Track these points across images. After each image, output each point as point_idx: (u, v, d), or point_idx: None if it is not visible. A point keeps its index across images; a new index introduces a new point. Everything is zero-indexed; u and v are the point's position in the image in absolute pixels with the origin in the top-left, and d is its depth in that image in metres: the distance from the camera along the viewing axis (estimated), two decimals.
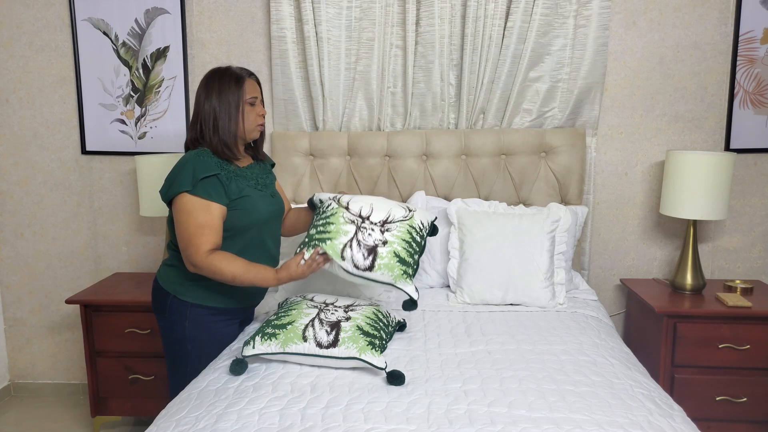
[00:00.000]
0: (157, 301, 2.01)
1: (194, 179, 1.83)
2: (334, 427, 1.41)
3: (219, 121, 1.91)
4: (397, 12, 2.65)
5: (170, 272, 1.99)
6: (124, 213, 2.99)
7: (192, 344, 1.96)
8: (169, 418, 1.52)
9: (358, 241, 1.85)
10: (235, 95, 1.92)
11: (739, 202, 2.76)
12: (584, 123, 2.70)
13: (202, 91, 1.94)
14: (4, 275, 3.09)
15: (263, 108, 2.01)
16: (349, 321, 1.78)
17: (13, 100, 2.94)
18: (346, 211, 1.91)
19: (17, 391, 3.19)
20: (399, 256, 1.86)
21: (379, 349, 1.73)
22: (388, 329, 1.88)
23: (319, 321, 1.78)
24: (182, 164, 1.88)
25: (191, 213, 1.83)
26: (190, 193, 1.83)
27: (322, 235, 1.86)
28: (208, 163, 1.87)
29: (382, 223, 1.90)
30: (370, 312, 1.87)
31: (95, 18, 2.82)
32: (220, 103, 1.91)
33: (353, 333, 1.73)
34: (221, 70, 1.96)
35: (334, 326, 1.76)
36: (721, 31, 2.65)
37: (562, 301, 2.29)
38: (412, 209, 2.00)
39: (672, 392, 2.37)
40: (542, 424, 1.40)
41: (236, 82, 1.93)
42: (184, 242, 1.84)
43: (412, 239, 1.92)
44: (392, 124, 2.78)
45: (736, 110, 2.68)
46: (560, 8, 2.58)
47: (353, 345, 1.70)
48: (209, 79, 1.94)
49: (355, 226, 1.87)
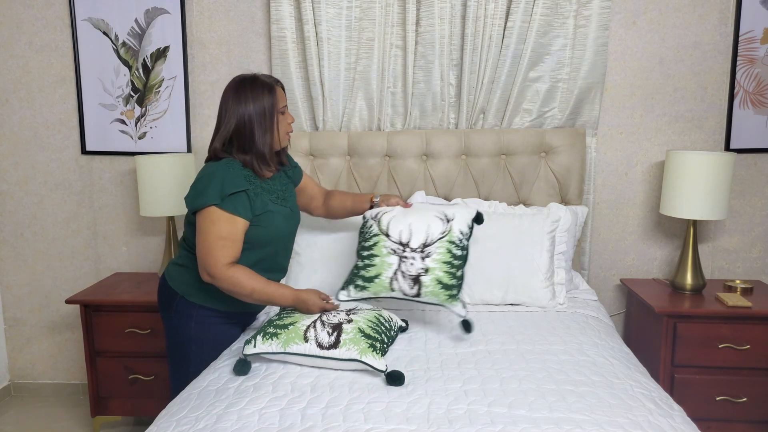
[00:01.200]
0: (163, 299, 2.01)
1: (222, 193, 1.81)
2: (334, 427, 1.41)
3: (255, 133, 1.87)
4: (397, 12, 2.65)
5: (181, 272, 1.98)
6: (124, 213, 2.99)
7: (196, 345, 1.96)
8: (170, 418, 1.52)
9: (402, 272, 1.92)
10: (269, 105, 1.89)
11: (739, 202, 2.76)
12: (584, 123, 2.70)
13: (232, 101, 1.88)
14: (4, 275, 3.09)
15: (291, 115, 1.99)
16: (350, 323, 1.78)
17: (13, 100, 2.94)
18: (387, 239, 1.97)
19: (17, 391, 3.19)
20: (442, 282, 1.91)
21: (380, 352, 1.72)
22: (390, 333, 1.88)
23: (321, 322, 1.79)
24: (211, 175, 1.84)
25: (215, 223, 1.81)
26: (217, 207, 1.81)
27: (368, 270, 1.95)
28: (237, 177, 1.84)
29: (421, 248, 1.94)
30: (372, 316, 1.87)
31: (95, 18, 2.82)
32: (254, 114, 1.87)
33: (354, 335, 1.73)
34: (250, 78, 1.91)
35: (335, 328, 1.75)
36: (721, 31, 2.65)
37: (562, 301, 2.29)
38: (450, 218, 1.99)
39: (672, 392, 2.37)
40: (542, 424, 1.40)
41: (269, 91, 1.89)
42: (204, 252, 1.82)
43: (452, 257, 1.94)
44: (392, 124, 2.78)
45: (736, 110, 2.68)
46: (560, 8, 2.58)
47: (354, 347, 1.69)
48: (238, 88, 1.89)
49: (397, 256, 1.94)
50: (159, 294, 2.04)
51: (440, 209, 2.04)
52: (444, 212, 2.01)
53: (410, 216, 2.01)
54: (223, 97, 1.93)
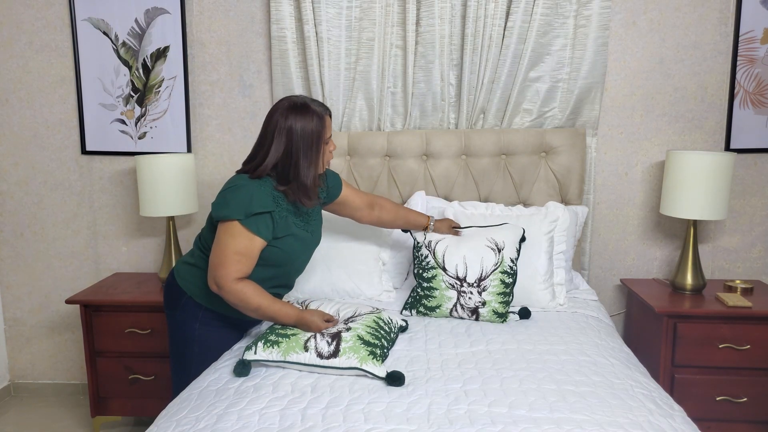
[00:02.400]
0: (170, 297, 2.01)
1: (248, 211, 1.79)
2: (334, 428, 1.41)
3: (300, 164, 1.83)
4: (397, 12, 2.65)
5: (191, 272, 1.97)
6: (124, 213, 2.99)
7: (200, 347, 1.96)
8: (170, 418, 1.52)
9: (461, 305, 2.13)
10: (317, 136, 1.84)
11: (739, 202, 2.76)
12: (584, 123, 2.70)
13: (283, 124, 1.82)
14: (4, 275, 3.09)
15: (334, 143, 1.96)
16: (349, 331, 1.78)
17: (13, 100, 2.94)
18: (444, 273, 2.14)
19: (17, 391, 3.19)
20: (497, 312, 2.11)
21: (380, 359, 1.71)
22: (390, 336, 1.88)
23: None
24: (241, 189, 1.82)
25: (235, 238, 1.79)
26: (240, 222, 1.79)
27: (430, 300, 2.15)
28: (267, 197, 1.82)
29: (477, 282, 2.12)
30: (371, 320, 1.87)
31: (95, 18, 2.82)
32: (302, 145, 1.82)
33: (354, 343, 1.73)
34: (302, 105, 1.85)
35: (334, 337, 1.75)
36: (721, 31, 2.65)
37: (563, 301, 2.29)
38: (501, 247, 2.15)
39: (672, 392, 2.37)
40: (543, 424, 1.40)
41: (319, 120, 1.85)
42: (217, 262, 1.80)
43: (505, 286, 2.13)
44: (392, 124, 2.78)
45: (736, 110, 2.68)
46: (560, 8, 2.58)
47: (354, 355, 1.69)
48: (289, 114, 1.83)
49: (456, 291, 2.13)
50: (166, 291, 2.04)
51: (490, 235, 2.18)
52: (494, 240, 2.16)
53: (463, 246, 2.15)
54: (270, 119, 1.86)
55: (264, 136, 1.87)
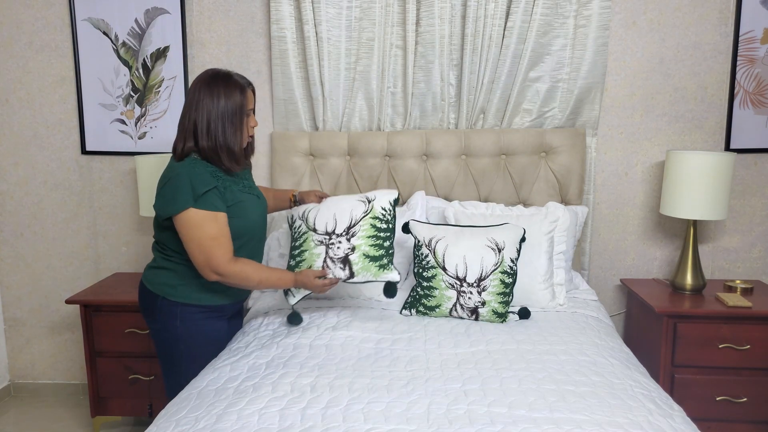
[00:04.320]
0: (145, 304, 2.01)
1: (195, 194, 1.81)
2: (334, 428, 1.41)
3: (226, 129, 1.87)
4: (397, 12, 2.65)
5: (158, 274, 1.98)
6: (124, 213, 2.99)
7: (184, 343, 1.96)
8: (169, 418, 1.52)
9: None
10: (239, 104, 1.89)
11: (739, 202, 2.76)
12: (584, 123, 2.69)
13: (204, 93, 1.87)
14: (4, 275, 3.09)
15: (255, 119, 2.00)
16: (354, 251, 2.03)
17: (13, 100, 2.94)
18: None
19: (17, 391, 3.19)
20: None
21: (389, 266, 2.04)
22: (389, 233, 2.10)
23: (330, 259, 2.04)
24: (178, 179, 1.83)
25: (201, 226, 1.81)
26: (194, 207, 1.81)
27: (430, 300, 2.16)
28: (204, 175, 1.84)
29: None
30: (369, 227, 2.06)
31: (95, 18, 2.82)
32: (227, 110, 1.87)
33: (363, 263, 2.02)
34: (224, 74, 1.90)
35: (344, 261, 2.02)
36: (721, 31, 2.65)
37: (563, 301, 2.29)
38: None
39: (672, 392, 2.37)
40: (542, 424, 1.40)
41: (240, 91, 1.90)
42: (203, 255, 1.82)
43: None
44: (392, 124, 2.78)
45: (736, 110, 2.68)
46: (560, 8, 2.58)
47: (367, 272, 2.02)
48: (211, 82, 1.88)
49: (455, 291, 2.14)
50: (140, 300, 2.04)
51: (490, 235, 2.17)
52: (494, 240, 2.16)
53: (462, 245, 2.17)
54: (193, 89, 1.90)
55: (188, 108, 1.90)
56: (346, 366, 1.75)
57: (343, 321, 2.11)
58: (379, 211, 2.11)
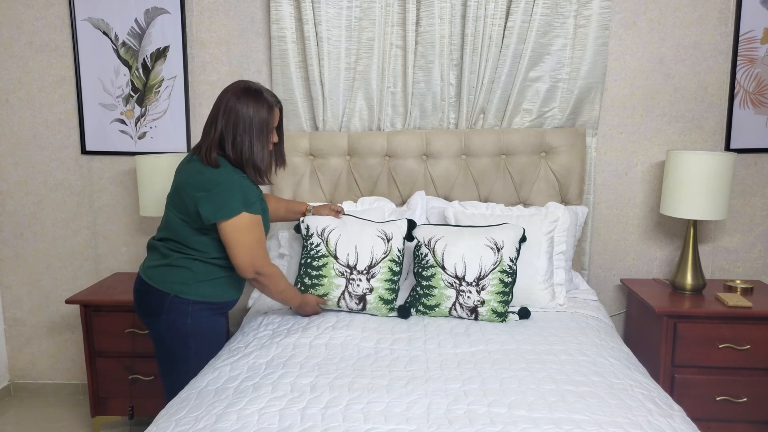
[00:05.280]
0: (150, 304, 1.99)
1: (246, 200, 1.90)
2: (333, 427, 1.41)
3: (253, 142, 1.93)
4: (397, 12, 2.65)
5: (169, 272, 1.98)
6: (124, 213, 2.99)
7: (194, 340, 1.97)
8: (169, 418, 1.52)
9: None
10: (266, 120, 1.95)
11: (739, 202, 2.76)
12: (584, 123, 2.69)
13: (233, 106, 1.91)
14: (4, 275, 3.09)
15: (276, 135, 2.05)
16: (372, 293, 2.15)
17: (13, 100, 2.94)
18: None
19: (17, 391, 3.19)
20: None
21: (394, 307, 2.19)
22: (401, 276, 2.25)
23: (348, 294, 2.16)
24: (227, 185, 1.89)
25: (252, 230, 1.92)
26: (247, 213, 1.90)
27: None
28: (251, 185, 1.95)
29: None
30: (387, 270, 2.18)
31: (95, 18, 2.82)
32: (255, 122, 1.92)
33: (376, 304, 2.16)
34: (255, 90, 1.95)
35: (360, 299, 2.15)
36: (721, 31, 2.65)
37: (563, 302, 2.29)
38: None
39: (672, 392, 2.37)
40: (542, 424, 1.40)
41: (269, 108, 1.95)
42: (249, 257, 1.92)
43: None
44: (392, 124, 2.78)
45: (736, 110, 2.68)
46: (560, 8, 2.58)
47: (377, 312, 2.18)
48: (242, 96, 1.92)
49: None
50: (143, 301, 2.02)
51: (490, 234, 2.18)
52: (494, 239, 2.17)
53: (461, 244, 2.17)
54: (222, 98, 1.95)
55: (216, 112, 1.95)
56: (346, 366, 1.76)
57: (342, 321, 2.11)
58: (396, 253, 2.22)
